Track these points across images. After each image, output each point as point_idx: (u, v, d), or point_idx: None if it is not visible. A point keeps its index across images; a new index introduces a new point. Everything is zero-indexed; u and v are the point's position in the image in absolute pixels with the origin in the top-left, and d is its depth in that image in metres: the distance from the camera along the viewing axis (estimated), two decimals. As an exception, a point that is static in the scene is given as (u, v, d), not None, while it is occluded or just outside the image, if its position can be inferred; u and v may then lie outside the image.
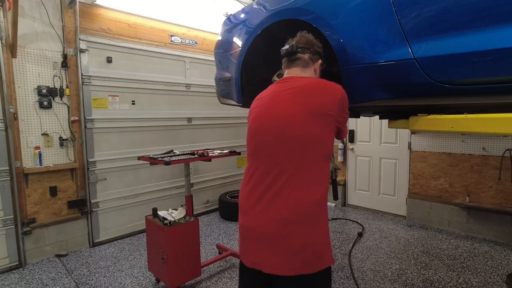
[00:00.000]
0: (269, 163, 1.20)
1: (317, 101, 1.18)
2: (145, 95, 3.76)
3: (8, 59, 2.79)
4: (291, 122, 1.17)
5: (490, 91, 1.17)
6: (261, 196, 1.19)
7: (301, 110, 1.17)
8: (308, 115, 1.16)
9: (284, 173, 1.16)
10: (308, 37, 1.35)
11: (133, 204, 3.69)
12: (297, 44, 1.32)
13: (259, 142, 1.25)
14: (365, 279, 2.62)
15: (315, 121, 1.16)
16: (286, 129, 1.17)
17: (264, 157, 1.22)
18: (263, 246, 1.16)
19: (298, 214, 1.13)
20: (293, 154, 1.16)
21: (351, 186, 4.69)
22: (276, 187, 1.16)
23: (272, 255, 1.14)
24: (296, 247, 1.11)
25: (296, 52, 1.32)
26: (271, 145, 1.20)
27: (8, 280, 2.67)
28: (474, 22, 1.14)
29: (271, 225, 1.14)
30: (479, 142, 3.44)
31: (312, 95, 1.20)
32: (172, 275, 2.32)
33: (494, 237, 3.35)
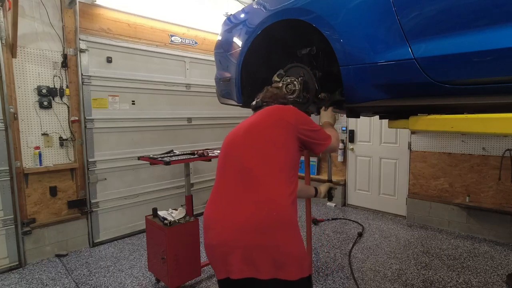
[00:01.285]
0: (236, 172, 1.21)
1: (278, 115, 1.33)
2: (145, 95, 3.76)
3: (8, 59, 2.79)
4: (257, 131, 1.29)
5: (490, 91, 1.17)
6: (228, 205, 1.15)
7: (264, 121, 1.32)
8: (270, 124, 1.30)
9: (253, 178, 1.16)
10: (273, 91, 1.54)
11: (133, 204, 3.69)
12: (262, 99, 1.51)
13: (226, 156, 1.30)
14: (365, 279, 2.62)
15: (277, 129, 1.28)
16: (252, 137, 1.28)
17: (232, 168, 1.24)
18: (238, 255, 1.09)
19: (273, 219, 1.09)
20: (261, 159, 1.21)
21: (351, 186, 4.69)
22: (246, 191, 1.15)
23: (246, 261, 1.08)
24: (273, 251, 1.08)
25: (261, 106, 1.50)
26: (239, 156, 1.24)
27: (8, 280, 2.67)
28: (474, 22, 1.14)
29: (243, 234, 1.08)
30: (479, 142, 3.44)
31: (274, 112, 1.36)
32: (172, 275, 2.32)
33: (494, 237, 3.35)
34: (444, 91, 1.25)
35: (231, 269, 1.09)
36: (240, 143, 1.29)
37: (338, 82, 1.60)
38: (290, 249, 1.09)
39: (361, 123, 4.44)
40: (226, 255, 1.10)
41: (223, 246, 1.10)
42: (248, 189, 1.15)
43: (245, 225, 1.09)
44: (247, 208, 1.11)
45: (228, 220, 1.12)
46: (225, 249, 1.10)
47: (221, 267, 1.12)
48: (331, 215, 4.28)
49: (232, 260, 1.08)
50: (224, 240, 1.10)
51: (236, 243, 1.08)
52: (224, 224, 1.12)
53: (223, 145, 1.38)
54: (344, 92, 1.56)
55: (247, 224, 1.09)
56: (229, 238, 1.10)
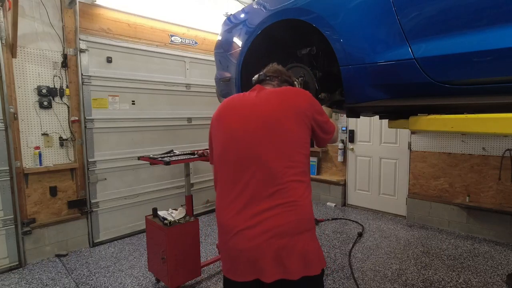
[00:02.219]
0: (254, 168, 1.14)
1: (292, 102, 1.21)
2: (145, 95, 3.76)
3: (8, 59, 2.79)
4: (271, 120, 1.17)
5: (490, 91, 1.17)
6: (250, 207, 1.11)
7: (279, 110, 1.19)
8: (287, 115, 1.18)
9: (273, 177, 1.11)
10: (277, 67, 1.45)
11: (133, 204, 3.69)
12: (265, 73, 1.42)
13: (240, 149, 1.18)
14: (365, 279, 2.62)
15: (294, 121, 1.18)
16: (268, 128, 1.16)
17: (245, 164, 1.15)
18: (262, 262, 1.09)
19: (297, 221, 1.10)
20: (279, 155, 1.14)
21: (351, 186, 4.69)
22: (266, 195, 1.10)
23: (277, 264, 1.08)
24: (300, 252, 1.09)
25: (264, 79, 1.41)
26: (254, 148, 1.15)
27: (8, 280, 2.67)
28: (474, 22, 1.14)
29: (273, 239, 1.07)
30: (479, 142, 3.44)
31: (287, 98, 1.23)
32: (172, 275, 2.32)
33: (494, 237, 3.35)
34: (444, 91, 1.25)
35: (263, 273, 1.08)
36: (256, 138, 1.16)
37: (338, 82, 1.60)
38: (313, 245, 1.14)
39: (361, 123, 4.44)
40: (256, 259, 1.08)
41: (252, 251, 1.09)
42: (271, 191, 1.11)
43: (274, 230, 1.08)
44: (273, 212, 1.09)
45: (255, 225, 1.09)
46: (254, 253, 1.08)
47: (249, 269, 1.10)
48: (331, 215, 4.28)
49: (263, 264, 1.08)
50: (254, 245, 1.08)
51: (267, 248, 1.07)
52: (250, 229, 1.09)
53: (220, 128, 1.26)
54: (344, 92, 1.56)
55: (276, 229, 1.08)
56: (258, 243, 1.08)
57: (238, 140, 1.19)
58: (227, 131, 1.23)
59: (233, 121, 1.23)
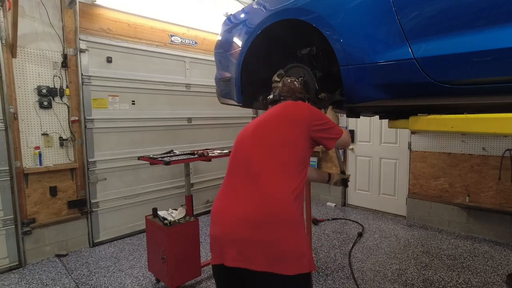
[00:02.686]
0: (243, 168, 1.25)
1: (290, 112, 1.35)
2: (145, 95, 3.76)
3: (8, 59, 2.79)
4: (267, 127, 1.32)
5: (490, 91, 1.17)
6: (232, 199, 1.21)
7: (275, 118, 1.34)
8: (283, 121, 1.31)
9: (257, 174, 1.19)
10: (290, 86, 1.55)
11: (133, 204, 3.69)
12: (279, 93, 1.54)
13: (236, 152, 1.33)
14: (365, 279, 2.62)
15: (288, 126, 1.29)
16: (261, 134, 1.30)
17: (240, 165, 1.27)
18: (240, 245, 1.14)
19: (273, 214, 1.12)
20: (267, 156, 1.23)
21: (351, 186, 4.68)
22: (249, 187, 1.19)
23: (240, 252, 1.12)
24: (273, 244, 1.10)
25: (279, 100, 1.53)
26: (247, 152, 1.28)
27: (8, 280, 2.67)
28: (474, 22, 1.14)
29: (241, 228, 1.13)
30: (479, 142, 3.44)
31: (286, 109, 1.37)
32: (172, 275, 2.32)
33: (494, 237, 3.35)
34: (444, 91, 1.25)
35: (225, 257, 1.15)
36: (248, 140, 1.32)
37: (338, 82, 1.60)
38: (288, 245, 1.10)
39: (361, 123, 4.44)
40: (223, 244, 1.16)
41: (222, 237, 1.17)
42: (251, 185, 1.19)
43: (244, 220, 1.13)
44: (248, 203, 1.16)
45: (230, 214, 1.18)
46: (224, 240, 1.17)
47: (217, 254, 1.19)
48: (331, 215, 4.28)
49: (228, 249, 1.14)
50: (224, 232, 1.17)
51: (233, 236, 1.14)
52: (226, 217, 1.18)
53: (235, 141, 1.41)
54: (344, 92, 1.56)
55: (246, 219, 1.13)
56: (228, 230, 1.16)
57: (237, 146, 1.35)
58: (235, 143, 1.39)
59: (240, 136, 1.39)
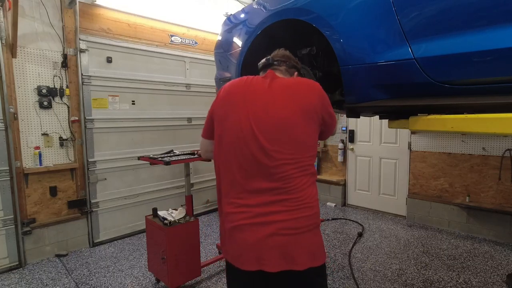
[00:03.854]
0: (259, 168, 1.14)
1: (305, 100, 1.19)
2: (145, 95, 3.76)
3: (8, 59, 2.79)
4: (283, 121, 1.15)
5: (490, 91, 1.17)
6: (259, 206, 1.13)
7: (291, 109, 1.16)
8: (299, 115, 1.17)
9: (281, 175, 1.13)
10: (285, 53, 1.40)
11: (133, 204, 3.69)
12: (273, 57, 1.37)
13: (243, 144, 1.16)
14: (365, 279, 2.62)
15: (305, 121, 1.18)
16: (277, 128, 1.15)
17: (253, 163, 1.15)
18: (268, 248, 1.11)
19: (306, 221, 1.15)
20: (288, 155, 1.14)
21: (351, 186, 4.69)
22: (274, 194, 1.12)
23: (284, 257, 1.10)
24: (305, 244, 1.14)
25: (272, 64, 1.35)
26: (261, 146, 1.14)
27: (8, 280, 2.67)
28: (474, 22, 1.14)
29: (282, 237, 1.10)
30: (479, 142, 3.44)
31: (300, 95, 1.21)
32: (172, 275, 2.32)
33: (494, 237, 3.35)
34: (444, 91, 1.25)
35: (266, 263, 1.09)
36: (258, 130, 1.15)
37: (338, 82, 1.60)
38: (319, 239, 1.21)
39: (361, 123, 4.44)
40: (262, 252, 1.10)
41: (258, 245, 1.10)
42: (279, 189, 1.13)
43: (282, 230, 1.10)
44: (282, 211, 1.12)
45: (264, 223, 1.11)
46: (261, 247, 1.10)
47: (253, 260, 1.11)
48: (331, 215, 4.28)
49: (269, 256, 1.10)
50: (261, 240, 1.10)
51: (274, 244, 1.10)
52: (259, 226, 1.11)
53: (229, 116, 1.21)
54: (344, 92, 1.56)
55: (285, 229, 1.11)
56: (266, 239, 1.10)
57: (247, 141, 1.15)
58: (236, 125, 1.18)
59: (243, 116, 1.17)
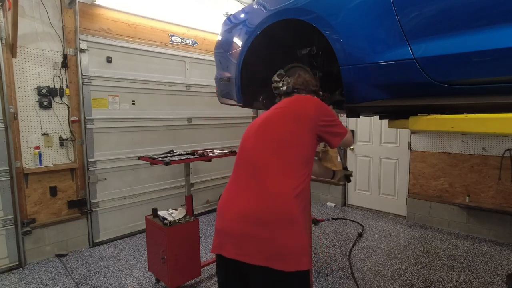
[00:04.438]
0: (248, 165, 1.26)
1: (298, 107, 1.34)
2: (145, 95, 3.76)
3: (8, 59, 2.79)
4: (272, 123, 1.31)
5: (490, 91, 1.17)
6: (236, 195, 1.23)
7: (283, 113, 1.33)
8: (289, 117, 1.30)
9: (260, 170, 1.20)
10: (305, 78, 1.51)
11: (133, 204, 3.69)
12: (293, 85, 1.50)
13: (243, 150, 1.33)
14: (365, 279, 2.62)
15: (294, 122, 1.29)
16: (266, 130, 1.30)
17: (245, 161, 1.28)
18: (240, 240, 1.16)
19: (273, 211, 1.13)
20: (271, 153, 1.23)
21: (351, 186, 4.69)
22: (252, 184, 1.20)
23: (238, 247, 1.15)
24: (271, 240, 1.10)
25: (292, 92, 1.51)
26: (251, 148, 1.28)
27: (8, 280, 2.67)
28: (474, 22, 1.14)
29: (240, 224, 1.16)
30: (479, 142, 3.44)
31: (294, 104, 1.37)
32: (172, 275, 2.32)
33: (494, 237, 3.35)
34: (444, 91, 1.25)
35: (224, 248, 1.18)
36: (253, 137, 1.32)
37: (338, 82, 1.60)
38: (286, 242, 1.10)
39: (361, 123, 4.44)
40: (223, 237, 1.20)
41: (223, 231, 1.20)
42: (254, 181, 1.20)
43: (244, 215, 1.15)
44: (250, 200, 1.17)
45: (232, 209, 1.20)
46: (224, 233, 1.20)
47: (217, 244, 1.22)
48: (331, 215, 4.28)
49: (228, 242, 1.18)
50: (225, 226, 1.20)
51: (234, 230, 1.16)
52: (228, 212, 1.21)
53: (243, 135, 1.41)
54: (344, 92, 1.56)
55: (247, 215, 1.15)
56: (229, 224, 1.18)
57: (244, 141, 1.35)
58: (242, 138, 1.39)
59: (250, 133, 1.37)
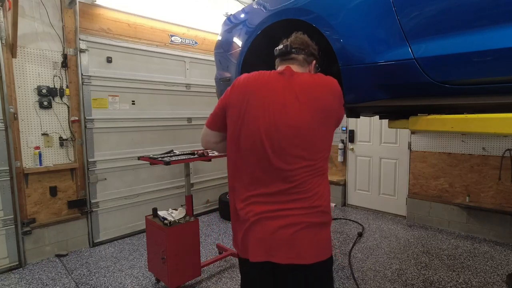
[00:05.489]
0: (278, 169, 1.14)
1: (325, 104, 1.17)
2: (145, 95, 3.76)
3: (8, 59, 2.79)
4: (299, 123, 1.13)
5: (490, 91, 1.17)
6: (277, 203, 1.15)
7: (313, 116, 1.14)
8: (319, 117, 1.15)
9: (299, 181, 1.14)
10: (303, 38, 1.30)
11: (133, 204, 3.69)
12: (291, 44, 1.28)
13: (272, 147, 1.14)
14: (365, 279, 2.62)
15: (326, 126, 1.19)
16: (300, 136, 1.14)
17: (271, 163, 1.14)
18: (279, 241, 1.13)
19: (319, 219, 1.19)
20: (305, 159, 1.15)
21: (351, 186, 4.69)
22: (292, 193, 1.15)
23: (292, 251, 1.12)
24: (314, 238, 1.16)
25: (290, 52, 1.28)
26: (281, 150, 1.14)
27: (8, 280, 2.67)
28: (474, 22, 1.14)
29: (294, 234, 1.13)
30: (479, 142, 3.44)
31: (320, 97, 1.17)
32: (172, 275, 2.32)
33: (494, 237, 3.35)
34: (444, 91, 1.25)
35: (275, 254, 1.12)
36: (280, 141, 1.13)
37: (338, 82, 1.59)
38: (328, 235, 1.23)
39: (361, 123, 4.44)
40: (272, 245, 1.12)
41: (270, 241, 1.12)
42: (297, 190, 1.14)
43: (296, 228, 1.12)
44: (299, 213, 1.14)
45: (279, 220, 1.13)
46: (272, 242, 1.12)
47: (263, 252, 1.13)
48: (331, 215, 4.27)
49: (278, 249, 1.12)
50: (274, 236, 1.12)
51: (285, 241, 1.12)
52: (274, 223, 1.13)
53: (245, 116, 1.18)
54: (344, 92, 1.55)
55: (298, 227, 1.13)
56: (279, 235, 1.12)
57: (265, 146, 1.14)
58: (255, 130, 1.16)
59: (261, 121, 1.15)
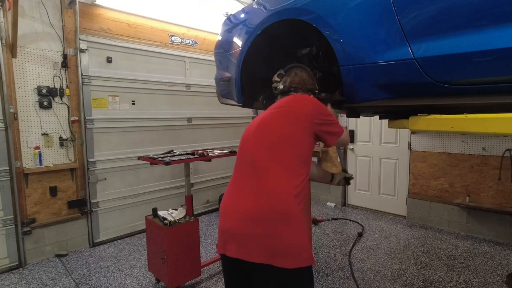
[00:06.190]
0: (248, 165, 1.28)
1: (294, 107, 1.35)
2: (145, 95, 3.76)
3: (8, 59, 2.79)
4: (270, 123, 1.33)
5: (490, 91, 1.17)
6: (238, 196, 1.25)
7: (280, 113, 1.35)
8: (286, 117, 1.32)
9: (260, 170, 1.22)
10: (302, 76, 1.52)
11: (133, 204, 3.69)
12: (290, 84, 1.52)
13: (242, 151, 1.35)
14: (365, 279, 2.62)
15: (291, 122, 1.30)
16: (265, 130, 1.32)
17: (245, 161, 1.31)
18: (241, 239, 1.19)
19: (274, 210, 1.15)
20: (270, 152, 1.25)
21: (351, 186, 4.68)
22: (252, 183, 1.22)
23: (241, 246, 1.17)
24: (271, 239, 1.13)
25: (289, 91, 1.52)
26: (251, 149, 1.30)
27: (8, 280, 2.67)
28: (474, 22, 1.14)
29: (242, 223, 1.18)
30: (479, 142, 3.44)
31: (290, 103, 1.38)
32: (172, 275, 2.32)
33: (494, 237, 3.35)
34: (444, 91, 1.25)
35: (228, 248, 1.21)
36: (252, 136, 1.34)
37: (338, 82, 1.60)
38: (287, 239, 1.13)
39: (361, 123, 4.44)
40: (227, 237, 1.22)
41: (226, 231, 1.23)
42: (254, 181, 1.22)
43: (245, 215, 1.18)
44: (250, 200, 1.19)
45: (234, 209, 1.23)
46: (228, 233, 1.22)
47: (222, 245, 1.25)
48: (331, 215, 4.28)
49: (231, 242, 1.20)
50: (229, 227, 1.22)
51: (236, 230, 1.19)
52: (230, 212, 1.24)
53: (242, 135, 1.42)
54: (344, 92, 1.56)
55: (248, 214, 1.17)
56: (231, 225, 1.21)
57: (243, 141, 1.37)
58: (241, 138, 1.42)
59: (249, 133, 1.39)
